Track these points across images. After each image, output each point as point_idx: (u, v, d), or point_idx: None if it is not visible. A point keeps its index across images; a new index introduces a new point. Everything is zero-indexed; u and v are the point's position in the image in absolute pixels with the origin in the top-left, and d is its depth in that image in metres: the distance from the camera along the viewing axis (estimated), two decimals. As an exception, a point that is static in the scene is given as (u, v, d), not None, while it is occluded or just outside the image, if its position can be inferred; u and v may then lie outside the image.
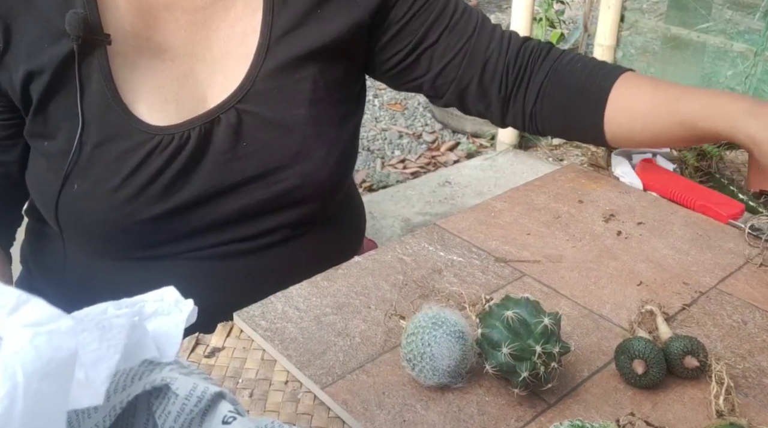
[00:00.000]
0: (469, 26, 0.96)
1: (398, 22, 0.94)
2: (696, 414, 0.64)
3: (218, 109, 0.86)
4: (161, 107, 0.85)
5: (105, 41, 0.82)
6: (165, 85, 0.86)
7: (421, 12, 0.94)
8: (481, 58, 0.95)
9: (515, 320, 0.62)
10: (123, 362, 0.42)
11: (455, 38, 0.95)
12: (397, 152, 3.23)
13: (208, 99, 0.87)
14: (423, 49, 0.95)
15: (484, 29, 0.96)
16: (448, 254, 0.87)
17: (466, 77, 0.96)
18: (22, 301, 0.35)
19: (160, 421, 0.43)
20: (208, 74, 0.87)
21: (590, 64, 0.94)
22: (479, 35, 0.96)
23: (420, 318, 0.65)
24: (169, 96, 0.86)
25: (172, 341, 0.45)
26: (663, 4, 2.67)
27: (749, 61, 2.38)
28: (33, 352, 0.33)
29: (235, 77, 0.87)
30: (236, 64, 0.88)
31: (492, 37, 0.96)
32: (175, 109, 0.86)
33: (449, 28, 0.95)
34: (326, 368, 0.68)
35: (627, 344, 0.67)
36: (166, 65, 0.86)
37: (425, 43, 0.95)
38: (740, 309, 0.79)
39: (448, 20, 0.95)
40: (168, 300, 0.46)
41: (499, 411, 0.64)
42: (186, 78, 0.87)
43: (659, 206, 0.99)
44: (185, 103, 0.86)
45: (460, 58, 0.95)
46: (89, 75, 0.82)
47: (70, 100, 0.82)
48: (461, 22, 0.96)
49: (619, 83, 0.90)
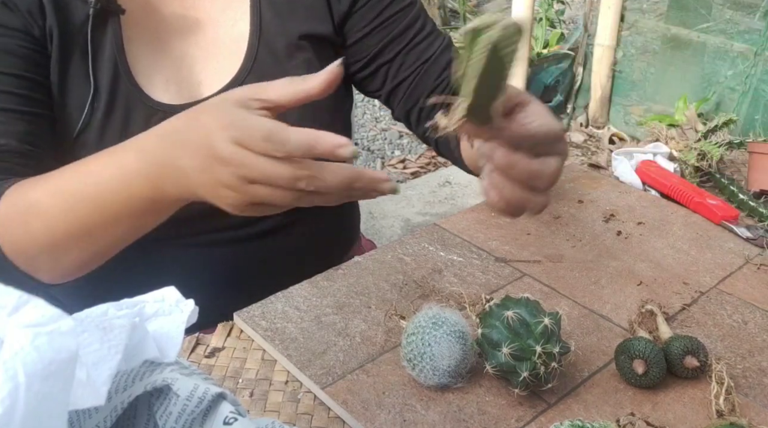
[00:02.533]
0: (428, 51, 0.96)
1: (360, 30, 0.95)
2: (696, 414, 0.64)
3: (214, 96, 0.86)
4: (164, 87, 0.86)
5: (119, 10, 0.82)
6: (167, 65, 0.86)
7: (381, 28, 0.95)
8: (428, 86, 0.95)
9: (515, 320, 0.62)
10: (124, 363, 0.42)
11: (411, 59, 0.95)
12: (397, 152, 3.23)
13: (203, 83, 0.88)
14: (379, 64, 0.96)
15: (441, 58, 0.96)
16: (448, 254, 0.87)
17: (411, 101, 0.96)
18: (22, 302, 0.35)
19: (161, 422, 0.43)
20: (201, 58, 0.88)
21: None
22: (434, 62, 0.96)
23: (420, 318, 0.65)
24: (171, 76, 0.86)
25: (172, 341, 0.45)
26: (663, 4, 2.67)
27: (749, 61, 2.38)
28: (34, 353, 0.33)
29: (230, 62, 0.88)
30: (228, 48, 0.89)
31: (444, 70, 0.95)
32: (176, 91, 0.86)
33: (407, 48, 0.95)
34: (326, 368, 0.68)
35: (627, 344, 0.67)
36: (164, 45, 0.87)
37: (381, 59, 0.96)
38: (740, 309, 0.79)
39: (408, 41, 0.95)
40: (168, 300, 0.46)
41: (499, 411, 0.64)
42: (182, 60, 0.88)
43: (659, 206, 0.99)
44: (183, 84, 0.87)
45: (410, 81, 0.96)
46: (102, 42, 0.83)
47: (83, 65, 0.82)
48: (421, 46, 0.95)
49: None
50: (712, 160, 1.06)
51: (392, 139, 3.33)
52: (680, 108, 2.33)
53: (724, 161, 1.12)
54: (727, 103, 2.47)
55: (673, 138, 1.16)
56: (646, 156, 1.10)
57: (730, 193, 1.02)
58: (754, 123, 2.34)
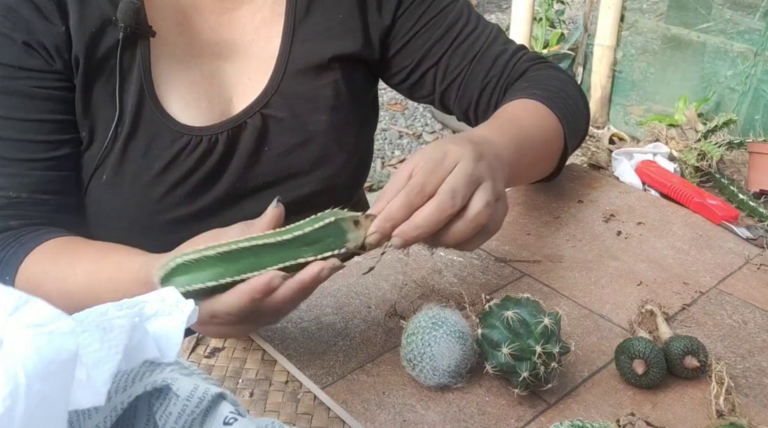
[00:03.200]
0: (472, 50, 0.94)
1: (402, 38, 0.94)
2: (696, 414, 0.64)
3: (245, 114, 0.88)
4: (194, 105, 0.86)
5: (149, 33, 0.82)
6: (197, 81, 0.87)
7: (423, 32, 0.94)
8: (478, 86, 0.94)
9: (515, 320, 0.62)
10: (124, 363, 0.42)
11: (456, 61, 0.94)
12: (397, 152, 3.23)
13: (233, 100, 0.88)
14: (425, 70, 0.96)
15: (489, 53, 0.94)
16: (448, 254, 0.87)
17: (465, 101, 0.96)
18: (22, 302, 0.35)
19: (161, 422, 0.43)
20: (232, 75, 0.89)
21: (525, 84, 0.92)
22: (480, 60, 0.94)
23: (420, 318, 0.65)
24: (201, 94, 0.87)
25: (172, 342, 0.45)
26: (663, 4, 2.67)
27: (749, 61, 2.37)
28: (34, 353, 0.33)
29: (259, 80, 0.89)
30: (259, 66, 0.89)
31: (494, 63, 0.94)
32: (207, 107, 0.87)
33: (451, 49, 0.94)
34: (326, 368, 0.68)
35: (627, 344, 0.67)
36: (196, 62, 0.87)
37: (426, 64, 0.95)
38: (740, 309, 0.79)
39: (450, 41, 0.94)
40: (168, 300, 0.46)
41: (499, 411, 0.64)
42: (213, 77, 0.88)
43: (659, 206, 0.99)
44: (215, 101, 0.87)
45: (459, 82, 0.95)
46: (130, 66, 0.83)
47: (109, 89, 0.82)
48: (464, 45, 0.94)
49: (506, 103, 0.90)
50: (712, 160, 1.06)
51: (392, 139, 3.33)
52: (680, 108, 2.33)
53: (724, 161, 1.12)
54: (727, 103, 2.47)
55: (673, 138, 1.15)
56: (646, 156, 1.10)
57: (730, 193, 1.01)
58: (754, 123, 2.33)
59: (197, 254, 0.58)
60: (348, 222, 0.62)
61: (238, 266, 0.59)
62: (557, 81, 0.93)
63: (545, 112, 0.86)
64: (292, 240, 0.60)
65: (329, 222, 0.61)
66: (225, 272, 0.58)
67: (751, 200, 0.99)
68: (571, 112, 0.90)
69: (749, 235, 0.92)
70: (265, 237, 0.60)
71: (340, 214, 0.62)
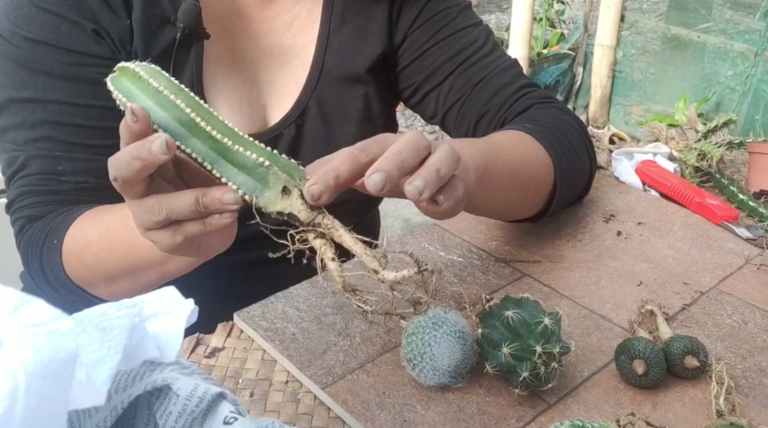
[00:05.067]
0: (477, 76, 0.92)
1: (414, 52, 0.94)
2: (696, 414, 0.64)
3: (281, 124, 0.88)
4: (237, 111, 0.86)
5: (205, 36, 0.83)
6: (240, 85, 0.87)
7: (433, 50, 0.93)
8: (476, 114, 0.92)
9: (515, 320, 0.62)
10: (124, 363, 0.42)
11: (460, 83, 0.93)
12: (397, 152, 3.22)
13: (268, 107, 0.89)
14: (430, 88, 0.94)
15: (495, 81, 0.92)
16: (449, 254, 0.87)
17: (463, 126, 0.94)
18: (22, 302, 0.35)
19: (161, 422, 0.43)
20: (267, 82, 0.89)
21: (521, 121, 0.88)
22: (484, 86, 0.92)
23: (420, 318, 0.65)
24: (243, 100, 0.87)
25: (172, 341, 0.45)
26: (663, 4, 2.67)
27: (749, 61, 2.38)
28: (33, 353, 0.33)
29: (292, 88, 0.89)
30: (293, 74, 0.90)
31: (497, 92, 0.91)
32: (248, 114, 0.87)
33: (458, 71, 0.92)
34: (326, 368, 0.68)
35: (627, 344, 0.67)
36: (238, 68, 0.87)
37: (432, 82, 0.94)
38: (740, 309, 0.79)
39: (459, 63, 0.92)
40: (168, 300, 0.46)
41: (499, 411, 0.64)
42: (252, 84, 0.88)
43: (659, 206, 0.99)
44: (255, 107, 0.88)
45: (459, 106, 0.93)
46: (183, 67, 0.83)
47: None
48: (472, 69, 0.92)
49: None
50: (712, 160, 1.06)
51: (392, 139, 3.33)
52: (680, 108, 2.33)
53: (724, 161, 1.12)
54: (727, 103, 2.47)
55: (673, 138, 1.15)
56: (646, 156, 1.10)
57: (730, 193, 1.02)
58: (754, 123, 2.34)
59: (159, 86, 0.55)
60: (278, 181, 0.57)
61: (173, 120, 0.55)
62: (557, 121, 0.88)
63: (532, 142, 0.82)
64: (228, 149, 0.56)
65: (261, 163, 0.56)
66: (164, 116, 0.55)
67: (751, 200, 0.99)
68: (566, 151, 0.85)
69: (749, 235, 0.92)
70: (219, 128, 0.56)
71: (281, 171, 0.57)
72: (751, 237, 0.92)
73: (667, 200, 1.01)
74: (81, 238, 0.75)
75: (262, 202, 0.57)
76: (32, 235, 0.78)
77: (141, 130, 0.53)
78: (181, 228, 0.57)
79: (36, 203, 0.79)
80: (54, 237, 0.76)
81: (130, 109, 0.53)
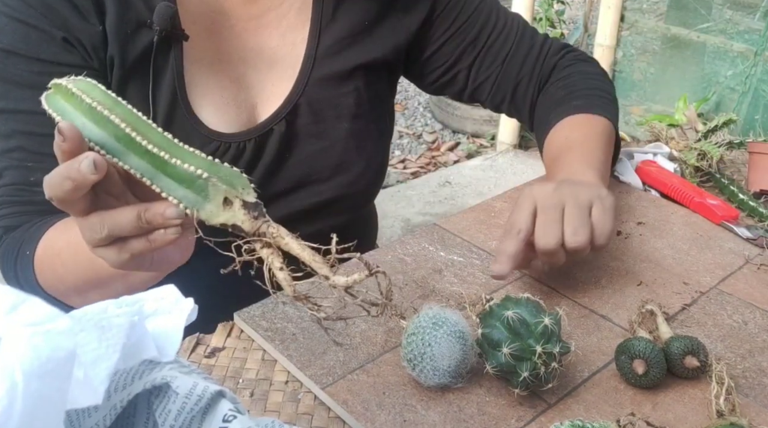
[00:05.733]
0: (504, 49, 0.99)
1: (435, 41, 0.98)
2: (696, 414, 0.64)
3: (271, 121, 0.88)
4: (224, 111, 0.86)
5: (183, 37, 0.82)
6: (226, 86, 0.86)
7: (456, 35, 0.98)
8: (511, 83, 0.99)
9: (515, 320, 0.62)
10: (123, 362, 0.41)
11: (489, 61, 0.99)
12: (397, 152, 3.23)
13: (258, 106, 0.89)
14: (458, 70, 1.00)
15: (519, 51, 0.99)
16: (449, 254, 0.86)
17: (498, 97, 1.01)
18: (20, 300, 0.35)
19: (160, 420, 0.43)
20: (257, 81, 0.89)
21: (562, 92, 0.98)
22: (512, 59, 0.99)
23: (420, 318, 0.65)
24: (230, 99, 0.86)
25: (171, 340, 0.45)
26: (663, 4, 2.67)
27: (749, 61, 2.37)
28: (31, 352, 0.33)
29: (283, 86, 0.89)
30: (284, 72, 0.89)
31: (525, 61, 0.99)
32: (235, 114, 0.87)
33: (483, 50, 0.98)
34: (327, 368, 0.68)
35: (627, 344, 0.67)
36: (224, 67, 0.87)
37: (459, 65, 0.99)
38: (740, 309, 0.79)
39: (483, 44, 0.98)
40: (168, 299, 0.46)
41: (499, 411, 0.64)
42: (240, 83, 0.88)
43: (659, 206, 0.99)
44: (242, 107, 0.87)
45: (492, 80, 1.00)
46: (163, 69, 0.82)
47: (142, 92, 0.82)
48: (495, 45, 0.98)
49: (554, 127, 0.95)
50: (712, 160, 1.06)
51: (392, 139, 3.33)
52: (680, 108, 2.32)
53: (724, 161, 1.11)
54: (727, 103, 2.47)
55: (673, 138, 1.15)
56: (646, 156, 1.10)
57: (730, 193, 1.01)
58: (754, 123, 2.33)
59: (92, 102, 0.53)
60: (218, 192, 0.55)
61: (110, 137, 0.53)
62: (589, 79, 0.99)
63: (596, 121, 0.93)
64: (166, 162, 0.53)
65: (200, 176, 0.54)
66: (99, 133, 0.53)
67: (751, 200, 0.99)
68: (611, 103, 0.98)
69: (749, 235, 0.92)
70: (156, 142, 0.53)
71: (220, 182, 0.54)
72: (751, 237, 0.92)
73: (667, 200, 1.01)
74: (50, 249, 0.74)
75: (204, 215, 0.55)
76: (8, 246, 0.78)
77: (71, 149, 0.51)
78: (126, 245, 0.56)
79: (12, 214, 0.79)
80: (27, 248, 0.76)
81: (57, 129, 0.51)
